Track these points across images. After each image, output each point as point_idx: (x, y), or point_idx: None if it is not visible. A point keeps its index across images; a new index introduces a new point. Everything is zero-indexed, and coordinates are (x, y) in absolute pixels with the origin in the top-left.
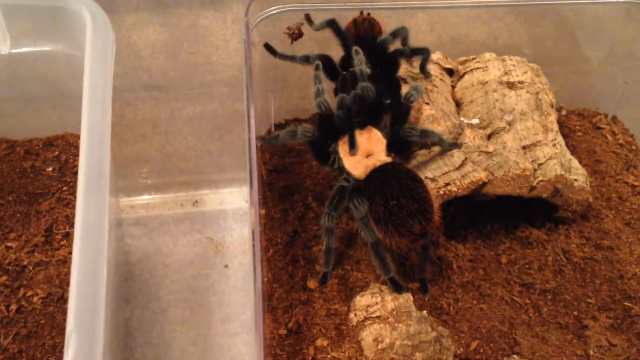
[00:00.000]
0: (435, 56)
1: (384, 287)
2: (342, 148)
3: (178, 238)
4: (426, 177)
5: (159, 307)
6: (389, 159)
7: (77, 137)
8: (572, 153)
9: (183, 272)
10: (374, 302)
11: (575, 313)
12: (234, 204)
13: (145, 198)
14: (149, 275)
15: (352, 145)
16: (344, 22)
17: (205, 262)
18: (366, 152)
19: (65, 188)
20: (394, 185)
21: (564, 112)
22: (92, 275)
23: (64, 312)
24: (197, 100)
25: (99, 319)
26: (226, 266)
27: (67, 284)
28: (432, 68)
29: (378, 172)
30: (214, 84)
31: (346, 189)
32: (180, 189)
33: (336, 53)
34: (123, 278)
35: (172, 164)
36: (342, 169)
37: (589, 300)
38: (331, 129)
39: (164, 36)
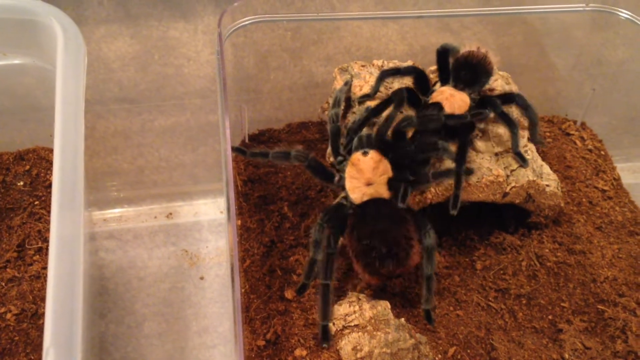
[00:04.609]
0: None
1: (361, 296)
2: (349, 169)
3: (152, 251)
4: None
5: (134, 321)
6: (385, 194)
7: (49, 150)
8: (543, 159)
9: (158, 285)
10: (352, 310)
11: (550, 317)
12: (209, 215)
13: (118, 211)
14: (123, 289)
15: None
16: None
17: (180, 275)
18: (367, 181)
19: (37, 202)
20: (370, 224)
21: None
22: (69, 290)
23: (39, 329)
24: (169, 112)
25: (76, 334)
26: (202, 278)
27: (41, 300)
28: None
29: (366, 206)
30: (186, 95)
31: (344, 207)
32: (153, 201)
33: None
34: (97, 292)
35: (145, 176)
36: (343, 188)
37: (563, 304)
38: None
39: (134, 48)
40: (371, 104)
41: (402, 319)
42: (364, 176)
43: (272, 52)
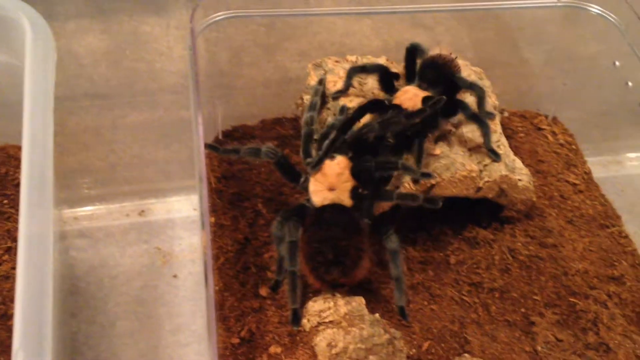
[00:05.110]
0: (381, 61)
1: (336, 292)
2: (314, 172)
3: (125, 249)
4: None
5: (106, 320)
6: (346, 202)
7: (17, 148)
8: (515, 154)
9: (131, 283)
10: (326, 307)
11: (523, 310)
12: (182, 212)
13: (89, 209)
14: (95, 288)
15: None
16: None
17: (153, 273)
18: (330, 185)
19: (5, 201)
20: (324, 229)
21: (506, 114)
22: (38, 290)
23: (8, 330)
24: (141, 108)
25: (46, 335)
26: (175, 276)
27: (10, 300)
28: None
29: (324, 210)
30: (159, 91)
31: (305, 208)
32: (125, 198)
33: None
34: (68, 292)
35: (117, 173)
36: (307, 189)
37: (535, 297)
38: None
39: (106, 43)
40: (345, 100)
41: (377, 315)
42: (328, 180)
43: (246, 47)
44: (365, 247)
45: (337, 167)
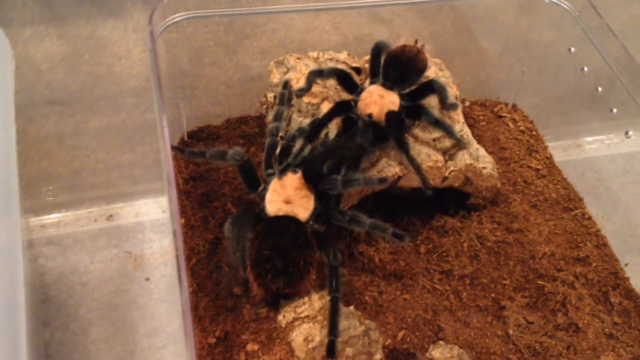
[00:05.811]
0: (342, 56)
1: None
2: (274, 181)
3: (94, 255)
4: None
5: (80, 327)
6: (301, 216)
7: None
8: (478, 142)
9: (102, 289)
10: (301, 302)
11: (493, 295)
12: (151, 215)
13: (55, 216)
14: (66, 296)
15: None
16: None
17: (125, 277)
18: (287, 198)
19: None
20: (275, 237)
21: (467, 104)
22: (10, 300)
23: None
24: (103, 113)
25: (20, 346)
26: (147, 279)
27: None
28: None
29: (277, 220)
30: (120, 94)
31: (257, 216)
32: (92, 204)
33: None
34: (39, 301)
35: (82, 179)
36: (263, 198)
37: (504, 281)
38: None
39: (63, 49)
40: (309, 97)
41: (351, 307)
42: (285, 192)
43: (206, 47)
44: (314, 262)
45: (297, 182)
